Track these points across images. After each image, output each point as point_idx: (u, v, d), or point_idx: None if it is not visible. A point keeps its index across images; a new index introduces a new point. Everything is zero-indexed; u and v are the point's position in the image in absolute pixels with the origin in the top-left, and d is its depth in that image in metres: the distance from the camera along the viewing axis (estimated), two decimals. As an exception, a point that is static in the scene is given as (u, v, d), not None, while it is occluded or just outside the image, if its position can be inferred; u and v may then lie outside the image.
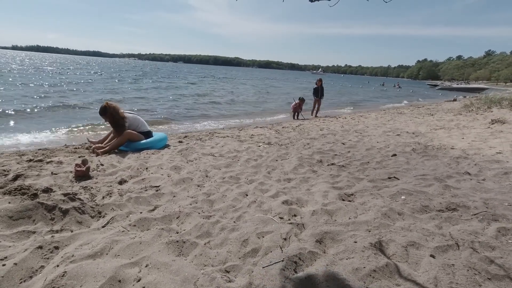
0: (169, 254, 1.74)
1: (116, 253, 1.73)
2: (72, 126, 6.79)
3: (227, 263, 1.70)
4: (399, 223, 2.19)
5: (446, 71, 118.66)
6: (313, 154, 4.37)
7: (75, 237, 1.91)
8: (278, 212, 2.35)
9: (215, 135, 6.00)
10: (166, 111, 10.22)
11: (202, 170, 3.38)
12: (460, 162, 3.92)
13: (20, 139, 5.46)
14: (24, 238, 1.87)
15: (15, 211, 2.03)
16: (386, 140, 5.57)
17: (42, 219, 2.05)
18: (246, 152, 4.36)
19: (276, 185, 3.05)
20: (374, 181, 3.20)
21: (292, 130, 6.77)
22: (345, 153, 4.55)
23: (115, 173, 3.19)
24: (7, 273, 1.50)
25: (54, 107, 9.28)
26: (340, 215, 2.32)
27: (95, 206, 2.37)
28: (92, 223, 2.18)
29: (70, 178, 2.91)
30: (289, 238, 1.92)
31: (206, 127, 7.91)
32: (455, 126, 7.13)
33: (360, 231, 2.03)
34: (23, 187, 2.36)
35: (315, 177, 3.34)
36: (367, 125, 7.72)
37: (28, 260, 1.60)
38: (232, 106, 13.03)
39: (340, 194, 2.77)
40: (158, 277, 1.53)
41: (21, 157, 3.67)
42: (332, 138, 5.81)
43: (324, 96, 10.99)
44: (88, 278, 1.49)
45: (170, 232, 2.00)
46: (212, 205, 2.52)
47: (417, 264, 1.68)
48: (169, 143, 4.97)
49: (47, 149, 4.36)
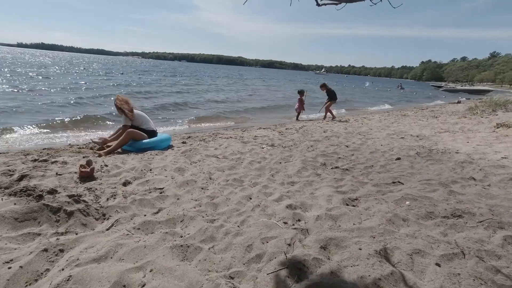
0: (174, 259, 1.74)
1: (120, 257, 1.74)
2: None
3: (231, 268, 1.70)
4: (404, 229, 2.18)
5: (450, 73, 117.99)
6: (317, 157, 4.36)
7: (79, 239, 1.91)
8: (282, 217, 2.34)
9: (219, 136, 6.01)
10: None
11: (206, 172, 3.38)
12: (465, 167, 3.89)
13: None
14: (29, 240, 1.87)
15: (20, 213, 2.03)
16: (390, 143, 5.55)
17: (47, 221, 2.06)
18: (249, 154, 4.36)
19: (280, 188, 3.05)
20: (378, 186, 3.18)
21: (295, 132, 6.76)
22: (349, 156, 4.54)
23: (119, 174, 3.20)
24: (12, 276, 1.50)
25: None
26: (345, 221, 2.31)
27: (100, 208, 2.38)
28: (97, 225, 2.18)
29: (74, 179, 2.92)
30: (293, 243, 1.91)
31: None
32: (459, 129, 7.09)
33: (364, 237, 2.02)
34: (29, 188, 2.37)
35: (319, 181, 3.33)
36: (371, 128, 7.69)
37: (33, 263, 1.61)
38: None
39: (344, 199, 2.76)
40: (163, 282, 1.53)
41: (26, 156, 3.69)
42: (335, 140, 5.80)
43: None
44: (93, 282, 1.49)
45: (174, 236, 2.00)
46: (216, 208, 2.52)
47: (422, 273, 1.67)
48: (172, 143, 4.98)
49: (52, 149, 4.39)
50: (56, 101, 10.25)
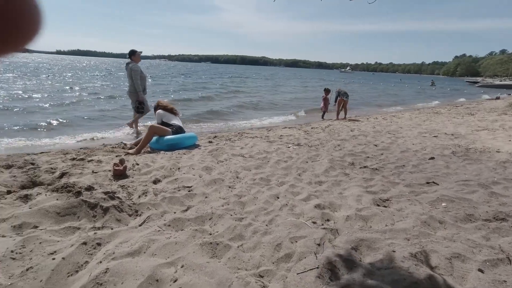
0: (203, 256, 1.77)
1: (153, 252, 1.79)
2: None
3: (260, 267, 1.69)
4: (441, 232, 2.06)
5: (487, 67, 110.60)
6: (345, 156, 4.26)
7: (115, 234, 2.00)
8: (310, 216, 2.30)
9: (244, 135, 6.04)
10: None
11: (233, 171, 3.41)
12: (508, 167, 3.62)
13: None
14: (70, 233, 1.98)
15: (62, 208, 2.16)
16: (422, 142, 5.30)
17: (86, 216, 2.17)
18: (275, 153, 4.34)
19: (308, 187, 3.00)
20: (410, 186, 3.05)
21: (321, 131, 6.64)
22: (378, 155, 4.39)
23: (150, 173, 3.31)
24: (56, 266, 1.60)
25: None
26: (376, 222, 2.24)
27: (132, 204, 2.47)
28: (130, 221, 2.27)
29: (109, 177, 3.06)
30: (323, 244, 1.88)
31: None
32: (500, 127, 6.62)
33: (398, 239, 1.94)
34: (69, 184, 2.52)
35: (347, 180, 3.25)
36: (401, 126, 7.39)
37: (74, 255, 1.70)
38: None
39: (374, 199, 2.67)
40: (194, 278, 1.56)
41: (65, 155, 3.92)
42: (363, 139, 5.63)
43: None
44: (128, 276, 1.55)
45: (204, 233, 2.03)
46: (244, 207, 2.53)
47: (463, 279, 1.57)
48: (199, 143, 5.08)
49: (88, 148, 4.63)
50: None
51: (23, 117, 7.81)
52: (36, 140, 5.55)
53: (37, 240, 1.79)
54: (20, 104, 9.64)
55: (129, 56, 5.77)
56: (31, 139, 5.57)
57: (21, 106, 9.20)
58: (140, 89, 5.64)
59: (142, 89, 5.70)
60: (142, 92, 5.74)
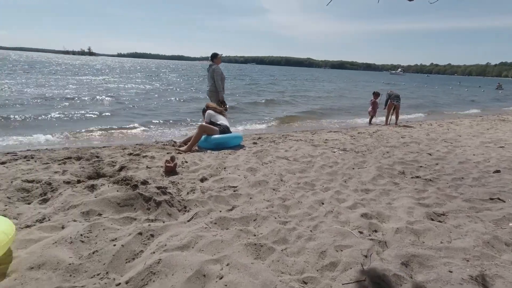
0: (248, 256, 1.81)
1: (200, 248, 1.88)
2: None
3: (304, 273, 1.68)
4: (508, 256, 1.86)
5: None
6: (394, 164, 4.03)
7: (166, 227, 2.13)
8: (357, 225, 2.23)
9: (288, 138, 6.03)
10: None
11: (277, 174, 3.43)
12: None
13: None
14: (128, 223, 2.17)
15: (121, 199, 2.37)
16: (486, 153, 4.80)
17: (141, 208, 2.36)
18: (320, 158, 4.27)
19: (354, 195, 2.91)
20: (471, 201, 2.79)
21: (369, 136, 6.36)
22: (433, 165, 4.08)
23: (197, 171, 3.47)
24: (117, 252, 1.76)
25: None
26: (429, 237, 2.09)
27: (182, 200, 2.61)
28: (179, 216, 2.40)
29: (161, 173, 3.28)
30: (370, 255, 1.81)
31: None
32: None
33: (455, 259, 1.79)
34: (127, 178, 2.76)
35: (397, 190, 3.08)
36: (459, 134, 6.77)
37: (131, 243, 1.86)
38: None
39: (428, 213, 2.49)
40: (238, 277, 1.60)
41: (123, 150, 4.28)
42: (415, 147, 5.27)
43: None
44: (178, 268, 1.65)
45: (248, 234, 2.08)
46: (288, 210, 2.53)
47: (534, 311, 1.40)
48: (244, 143, 5.19)
49: (142, 145, 5.00)
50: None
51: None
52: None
53: (101, 227, 1.99)
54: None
55: (211, 59, 6.13)
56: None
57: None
58: (221, 88, 5.97)
59: (221, 88, 5.98)
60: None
